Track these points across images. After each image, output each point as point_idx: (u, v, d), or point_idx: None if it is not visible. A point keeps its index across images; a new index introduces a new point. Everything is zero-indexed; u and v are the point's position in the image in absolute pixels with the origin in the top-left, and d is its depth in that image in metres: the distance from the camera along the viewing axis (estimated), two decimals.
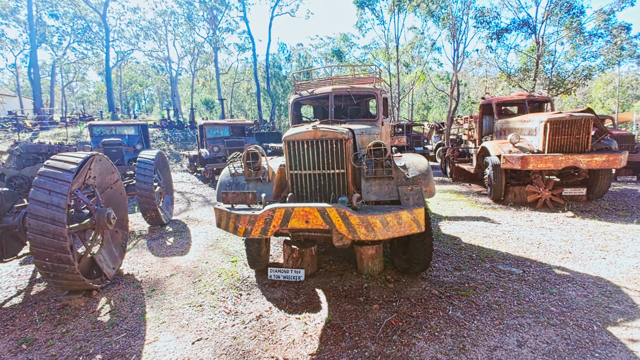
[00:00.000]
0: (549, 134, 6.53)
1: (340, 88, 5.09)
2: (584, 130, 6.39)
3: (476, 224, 5.82)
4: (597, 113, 9.42)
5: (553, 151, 6.57)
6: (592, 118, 6.32)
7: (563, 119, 6.39)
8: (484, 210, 6.85)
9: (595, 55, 17.70)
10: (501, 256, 4.27)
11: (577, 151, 6.48)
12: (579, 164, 6.26)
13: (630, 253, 4.13)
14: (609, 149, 6.58)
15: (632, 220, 5.56)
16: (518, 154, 6.59)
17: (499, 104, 8.85)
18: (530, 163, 6.43)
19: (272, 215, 2.88)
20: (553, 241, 4.74)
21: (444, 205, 7.48)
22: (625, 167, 11.00)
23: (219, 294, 3.67)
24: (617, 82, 35.61)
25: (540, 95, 8.87)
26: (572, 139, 6.47)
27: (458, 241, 4.95)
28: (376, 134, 4.55)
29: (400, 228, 2.83)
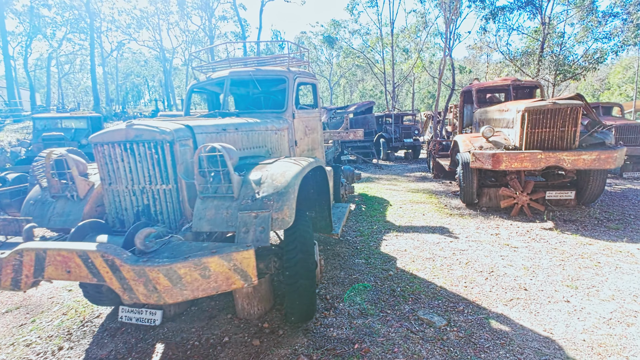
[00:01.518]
0: (527, 127, 5.33)
1: (240, 71, 4.03)
2: (570, 122, 5.17)
3: (428, 238, 4.74)
4: (614, 100, 8.06)
5: (532, 147, 5.38)
6: (581, 106, 5.09)
7: (544, 107, 5.18)
8: (447, 218, 5.74)
9: (609, 37, 15.95)
10: (432, 293, 3.21)
11: (561, 147, 5.28)
12: (562, 164, 5.07)
13: (607, 293, 3.02)
14: (602, 144, 5.35)
15: (623, 237, 4.39)
16: (489, 151, 5.43)
17: (479, 90, 7.62)
18: (502, 162, 5.27)
19: (21, 260, 1.90)
20: (511, 268, 3.64)
21: (406, 210, 6.39)
22: (633, 163, 9.64)
23: (36, 346, 2.75)
24: (636, 66, 33.08)
25: (529, 79, 7.58)
26: (556, 133, 5.26)
27: (391, 265, 3.90)
28: (273, 130, 3.50)
29: (208, 284, 1.81)
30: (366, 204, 7.14)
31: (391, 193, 8.17)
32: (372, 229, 5.30)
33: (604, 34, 15.84)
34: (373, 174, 11.62)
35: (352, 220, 5.85)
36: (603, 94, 48.20)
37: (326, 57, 43.32)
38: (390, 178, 10.58)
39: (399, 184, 9.47)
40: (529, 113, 5.27)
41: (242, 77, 4.00)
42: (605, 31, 15.90)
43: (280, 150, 3.73)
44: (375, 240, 4.79)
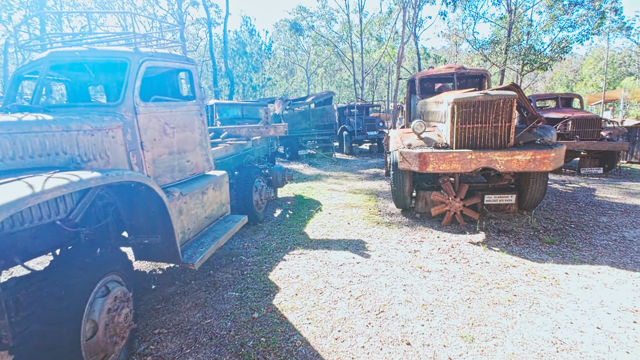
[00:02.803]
0: (456, 122, 4.58)
1: (63, 52, 3.06)
2: (503, 116, 4.44)
3: (334, 258, 3.96)
4: (585, 92, 7.45)
5: (463, 145, 4.65)
6: (514, 98, 4.36)
7: (474, 99, 4.43)
8: (372, 228, 4.99)
9: (574, 25, 15.52)
10: (286, 351, 2.41)
11: (495, 146, 4.56)
12: (494, 165, 4.36)
13: (507, 349, 2.29)
14: (541, 141, 4.67)
15: (554, 255, 3.73)
16: (415, 151, 4.66)
17: (423, 79, 6.85)
18: (429, 163, 4.52)
19: None
20: (407, 305, 2.89)
21: (333, 217, 5.60)
22: (590, 158, 9.19)
23: None
24: (606, 57, 33.39)
25: (475, 68, 6.86)
26: (489, 129, 4.54)
27: (265, 301, 3.09)
28: (86, 130, 2.57)
29: None
30: (295, 209, 6.32)
31: (331, 194, 7.38)
32: (278, 244, 4.49)
33: (570, 22, 15.39)
34: (326, 170, 10.81)
35: (263, 232, 5.02)
36: (576, 84, 48.90)
37: (303, 46, 41.96)
38: (340, 175, 9.79)
39: (346, 182, 8.70)
40: (458, 106, 4.51)
41: (66, 59, 3.03)
42: (571, 20, 15.45)
43: (109, 158, 2.82)
44: (272, 260, 3.97)
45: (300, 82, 44.63)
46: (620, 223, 4.68)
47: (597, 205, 5.65)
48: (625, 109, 31.91)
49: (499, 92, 4.41)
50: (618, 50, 54.31)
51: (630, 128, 11.14)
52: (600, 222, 4.78)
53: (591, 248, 3.87)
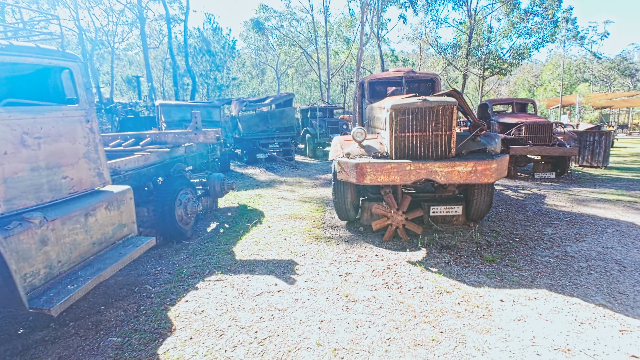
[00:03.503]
0: (395, 129, 4.22)
1: None
2: (443, 124, 4.12)
3: (254, 286, 3.46)
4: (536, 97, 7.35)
5: (402, 155, 4.29)
6: (454, 105, 4.05)
7: (412, 106, 4.07)
8: (309, 245, 4.53)
9: (530, 33, 15.94)
10: None
11: (435, 156, 4.24)
12: (434, 177, 4.03)
13: None
14: (483, 151, 4.40)
15: (492, 277, 3.42)
16: (352, 161, 4.25)
17: (372, 83, 6.50)
18: (366, 175, 4.12)
19: None
20: (316, 351, 2.44)
21: (271, 231, 5.10)
22: (543, 163, 9.24)
23: None
24: (562, 64, 35.12)
25: (425, 71, 6.61)
26: (429, 138, 4.20)
27: (150, 349, 2.53)
28: None
29: None
30: (233, 222, 5.76)
31: (278, 204, 6.88)
32: (197, 268, 3.93)
33: (526, 30, 15.79)
34: (282, 176, 10.29)
35: (186, 252, 4.43)
36: (537, 89, 51.29)
37: (273, 45, 41.20)
38: (295, 182, 9.31)
39: (299, 189, 8.23)
40: (396, 112, 4.15)
41: None
42: (527, 27, 15.86)
43: None
44: (180, 290, 3.41)
45: (271, 83, 43.77)
46: (565, 235, 4.50)
47: (545, 214, 5.50)
48: (581, 113, 33.68)
49: (438, 99, 4.09)
50: (574, 57, 57.66)
51: (581, 133, 11.43)
52: (545, 234, 4.58)
53: (532, 267, 3.60)
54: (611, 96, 35.10)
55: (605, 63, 56.99)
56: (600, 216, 5.32)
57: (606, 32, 50.70)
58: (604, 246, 4.08)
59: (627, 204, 6.06)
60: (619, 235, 4.45)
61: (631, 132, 35.70)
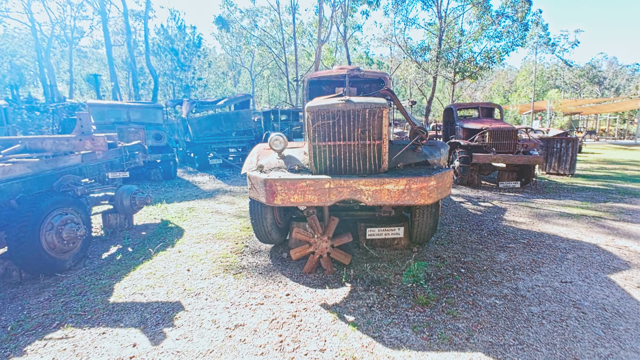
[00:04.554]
0: (314, 136, 3.41)
1: None
2: (371, 131, 3.34)
3: (97, 349, 2.54)
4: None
5: (325, 169, 3.48)
6: (383, 107, 3.27)
7: (331, 108, 3.28)
8: (214, 279, 3.64)
9: (501, 36, 15.66)
10: None
11: (364, 170, 3.45)
12: (360, 196, 3.23)
13: None
14: (425, 164, 3.65)
15: (422, 328, 2.62)
16: (262, 176, 3.41)
17: (312, 82, 5.70)
18: (276, 194, 3.28)
19: None
20: None
21: (180, 257, 4.17)
22: (508, 172, 8.70)
23: None
24: (534, 70, 35.75)
25: (373, 70, 5.87)
26: (355, 147, 3.41)
27: None
28: None
29: None
30: (140, 244, 4.80)
31: (208, 219, 5.95)
32: (49, 316, 2.97)
33: (497, 33, 15.50)
34: (230, 184, 9.35)
35: (50, 291, 3.45)
36: (511, 95, 52.34)
37: (239, 47, 40.04)
38: (241, 191, 8.39)
39: (240, 201, 7.32)
40: (314, 116, 3.34)
41: None
42: (498, 31, 15.58)
43: None
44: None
45: (246, 84, 42.64)
46: (519, 264, 3.80)
47: (501, 234, 4.83)
48: (551, 119, 34.31)
49: (364, 100, 3.31)
50: (547, 65, 59.42)
51: (548, 139, 11.06)
52: (497, 262, 3.87)
53: (472, 313, 2.85)
54: (580, 102, 36.00)
55: (576, 71, 59.03)
56: (562, 236, 4.69)
57: (577, 41, 52.42)
58: (563, 280, 3.39)
59: (591, 220, 5.50)
60: (581, 263, 3.79)
61: (599, 137, 36.71)
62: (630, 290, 3.16)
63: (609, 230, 4.95)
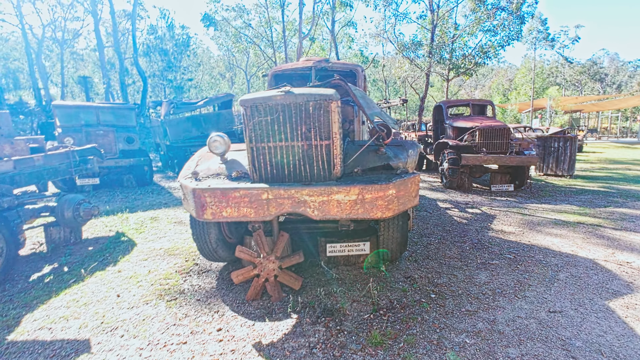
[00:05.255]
0: (251, 136, 2.86)
1: None
2: (318, 129, 2.79)
3: None
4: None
5: (264, 176, 2.94)
6: (332, 100, 2.72)
7: (269, 102, 2.73)
8: (142, 307, 3.10)
9: (496, 30, 15.07)
10: None
11: (310, 177, 2.90)
12: (304, 209, 2.69)
13: None
14: (388, 168, 3.10)
15: None
16: (192, 184, 2.87)
17: (277, 75, 5.16)
18: (206, 207, 2.74)
19: None
20: None
21: (116, 278, 3.64)
22: (500, 174, 8.13)
23: None
24: (533, 67, 35.09)
25: (344, 62, 5.32)
26: (299, 149, 2.86)
27: None
28: None
29: None
30: (80, 261, 4.27)
31: (168, 230, 5.42)
32: None
33: (492, 27, 14.91)
34: None
35: None
36: (511, 93, 51.64)
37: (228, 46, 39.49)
38: None
39: None
40: (249, 111, 2.79)
41: None
42: (493, 24, 14.99)
43: None
44: None
45: (242, 85, 42.17)
46: (501, 286, 3.24)
47: (486, 247, 4.27)
48: (552, 117, 33.63)
49: (308, 91, 2.75)
50: (547, 62, 58.66)
51: (545, 138, 10.48)
52: (475, 283, 3.32)
53: (433, 357, 2.30)
54: (581, 100, 35.30)
55: (577, 67, 58.22)
56: (554, 250, 4.12)
57: (577, 37, 51.65)
58: (551, 309, 2.83)
59: (589, 229, 4.92)
60: (574, 285, 3.23)
61: (600, 136, 36.02)
62: (633, 323, 2.60)
63: (609, 242, 4.38)
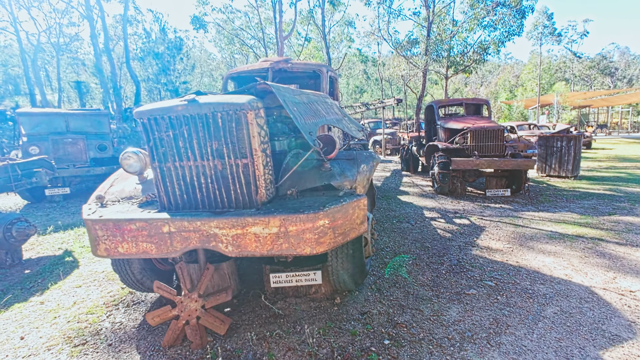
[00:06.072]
0: (155, 155, 2.35)
1: None
2: (235, 145, 2.26)
3: None
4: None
5: (173, 203, 2.41)
6: (248, 109, 2.18)
7: (169, 113, 2.21)
8: (41, 356, 2.61)
9: (495, 25, 14.35)
10: None
11: (227, 203, 2.37)
12: (216, 245, 2.16)
13: None
14: (330, 189, 2.55)
15: None
16: (85, 213, 2.37)
17: (232, 78, 4.65)
18: (99, 241, 2.24)
19: None
20: None
21: (37, 311, 3.16)
22: (496, 177, 7.50)
23: None
24: (539, 62, 34.09)
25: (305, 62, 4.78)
26: (214, 170, 2.33)
27: None
28: None
29: None
30: (9, 288, 3.80)
31: None
32: None
33: (491, 22, 14.20)
34: None
35: None
36: (517, 89, 50.41)
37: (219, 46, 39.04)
38: None
39: None
40: (148, 125, 2.27)
41: None
42: (492, 19, 14.27)
43: None
44: None
45: None
46: (472, 327, 2.67)
47: (465, 270, 3.69)
48: (559, 114, 32.57)
49: (216, 100, 2.22)
50: (555, 57, 57.20)
51: (547, 138, 9.79)
52: (444, 321, 2.75)
53: None
54: (590, 95, 34.14)
55: (585, 62, 56.65)
56: (545, 273, 3.53)
57: (585, 31, 50.21)
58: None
59: (589, 245, 4.30)
60: (562, 326, 2.64)
61: (610, 131, 34.79)
62: None
63: (611, 262, 3.76)
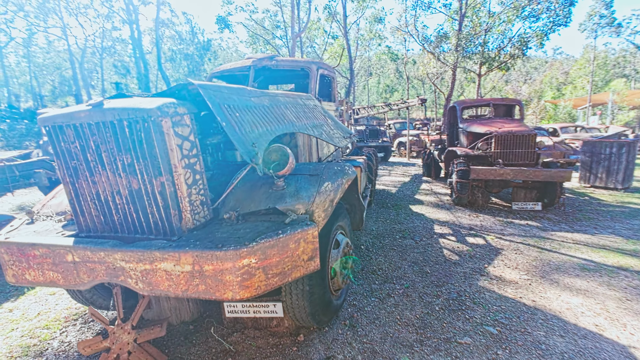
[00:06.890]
0: (64, 170, 2.02)
1: None
2: (150, 159, 1.87)
3: None
4: None
5: (91, 225, 2.08)
6: (164, 116, 1.77)
7: (73, 119, 1.86)
8: None
9: (537, 15, 12.97)
10: None
11: (145, 228, 2.00)
12: (124, 280, 1.80)
13: None
14: (277, 214, 2.09)
15: None
16: None
17: (216, 77, 4.32)
18: (7, 267, 1.97)
19: None
20: None
21: None
22: (525, 189, 6.61)
23: None
24: (592, 57, 30.96)
25: (292, 58, 4.30)
26: (126, 189, 1.97)
27: None
28: None
29: None
30: None
31: None
32: None
33: (533, 12, 12.86)
34: None
35: None
36: (566, 87, 46.41)
37: None
38: None
39: None
40: (53, 133, 1.93)
41: None
42: (535, 9, 12.92)
43: None
44: None
45: None
46: None
47: (466, 306, 3.06)
48: (613, 114, 29.42)
49: (123, 105, 1.85)
50: (613, 52, 51.93)
51: (594, 143, 8.59)
52: None
53: None
54: None
55: None
56: (569, 321, 2.82)
57: None
58: None
59: (633, 281, 3.48)
60: None
61: None
62: None
63: None
